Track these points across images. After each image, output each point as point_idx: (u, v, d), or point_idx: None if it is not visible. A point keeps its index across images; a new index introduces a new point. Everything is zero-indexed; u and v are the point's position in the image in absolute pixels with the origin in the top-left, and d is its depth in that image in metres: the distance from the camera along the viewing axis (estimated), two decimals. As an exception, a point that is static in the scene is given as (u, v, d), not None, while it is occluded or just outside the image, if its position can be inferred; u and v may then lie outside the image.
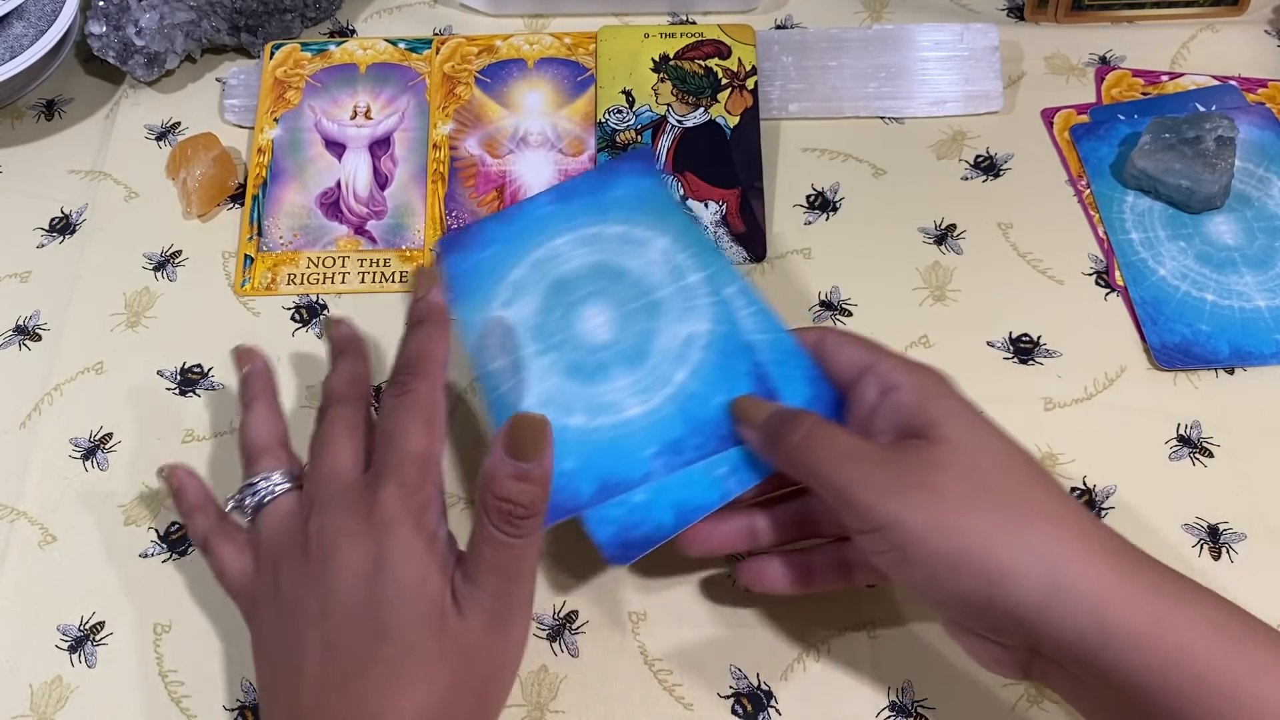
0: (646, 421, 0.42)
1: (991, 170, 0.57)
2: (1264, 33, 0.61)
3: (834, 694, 0.43)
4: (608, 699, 0.43)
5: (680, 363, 0.43)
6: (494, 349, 0.44)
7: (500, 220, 0.47)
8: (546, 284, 0.46)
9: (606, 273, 0.46)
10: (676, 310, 0.45)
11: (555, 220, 0.47)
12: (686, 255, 0.46)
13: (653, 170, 0.49)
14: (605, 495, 0.41)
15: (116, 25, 0.59)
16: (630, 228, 0.47)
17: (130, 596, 0.46)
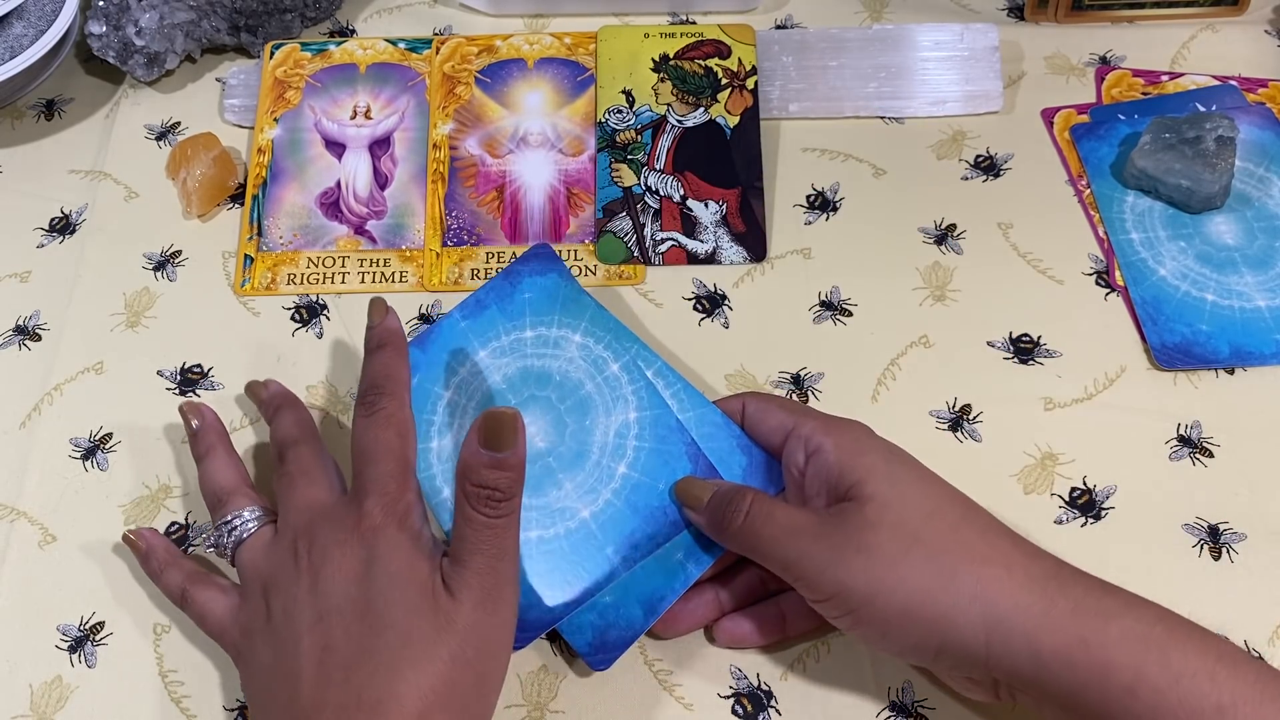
0: (599, 521, 0.42)
1: (992, 170, 0.57)
2: (1264, 33, 0.61)
3: (834, 694, 0.43)
4: (608, 699, 0.43)
5: (618, 455, 0.44)
6: (439, 479, 0.44)
7: (420, 344, 0.46)
8: (477, 401, 0.45)
9: (531, 378, 0.46)
10: (604, 403, 0.45)
11: (470, 336, 0.47)
12: (602, 346, 0.46)
13: (554, 265, 0.48)
14: (577, 603, 0.41)
15: (116, 25, 0.59)
16: (544, 329, 0.47)
17: (130, 596, 0.46)
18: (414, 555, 0.38)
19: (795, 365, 0.51)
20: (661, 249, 0.54)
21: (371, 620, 0.36)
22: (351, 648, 0.36)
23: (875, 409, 0.49)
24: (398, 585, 0.37)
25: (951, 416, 0.49)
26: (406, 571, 0.37)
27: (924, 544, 0.36)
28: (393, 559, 0.37)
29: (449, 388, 0.46)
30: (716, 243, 0.54)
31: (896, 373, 0.50)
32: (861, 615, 0.37)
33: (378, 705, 0.35)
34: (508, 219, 0.55)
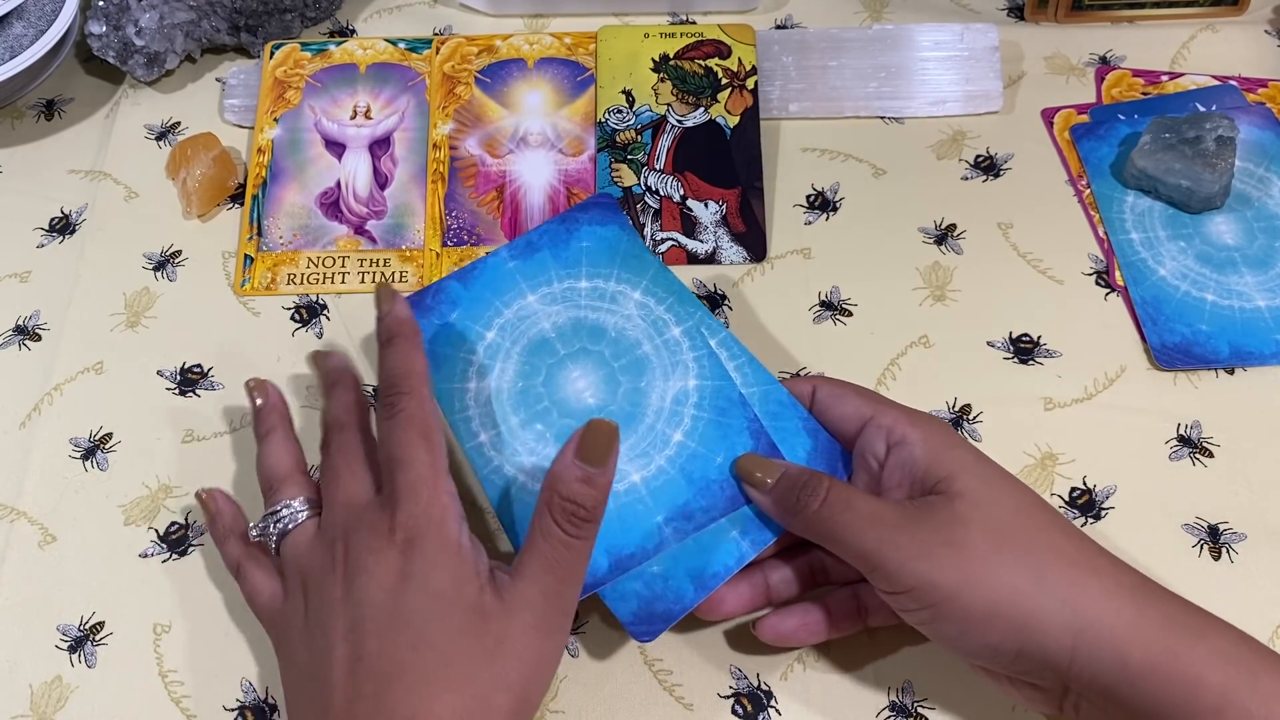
0: (650, 488, 0.41)
1: (991, 170, 0.57)
2: (1264, 33, 0.61)
3: (834, 694, 0.43)
4: (608, 699, 0.43)
5: (674, 422, 0.42)
6: (476, 422, 0.42)
7: (461, 280, 0.45)
8: (522, 347, 0.44)
9: (584, 331, 0.44)
10: (663, 366, 0.43)
11: (519, 277, 0.45)
12: (664, 308, 0.45)
13: (615, 216, 0.47)
14: (620, 569, 0.40)
15: (116, 25, 0.59)
16: (601, 281, 0.45)
17: (130, 596, 0.46)
18: (457, 571, 0.36)
19: (795, 365, 0.51)
20: (661, 249, 0.54)
21: (409, 636, 0.35)
22: (385, 663, 0.35)
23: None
24: (440, 605, 0.35)
25: (951, 416, 0.49)
26: (451, 590, 0.36)
27: (1015, 543, 0.35)
28: (433, 575, 0.36)
29: (492, 328, 0.44)
30: (716, 243, 0.54)
31: (896, 373, 0.50)
32: (943, 610, 0.35)
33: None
34: (508, 219, 0.55)
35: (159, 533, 0.47)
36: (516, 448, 0.42)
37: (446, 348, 0.44)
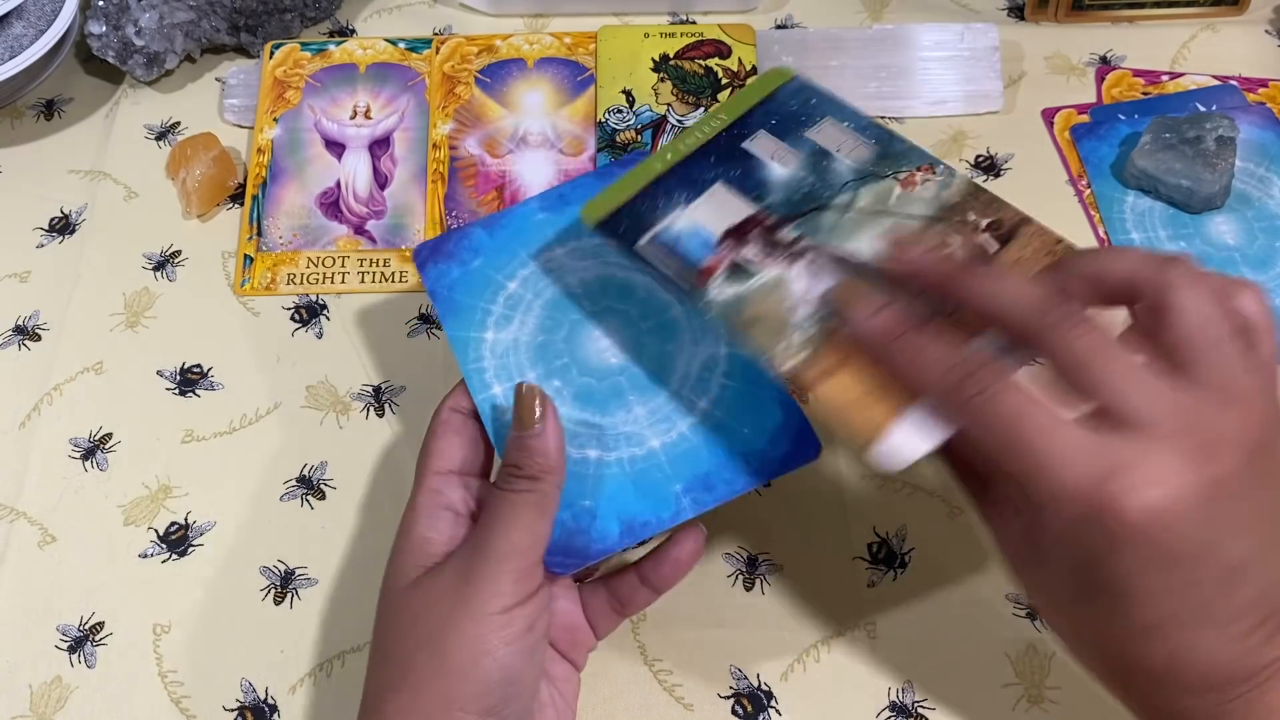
0: (670, 454, 0.39)
1: (992, 170, 0.57)
2: (1264, 33, 0.61)
3: (834, 694, 0.43)
4: (608, 699, 0.43)
5: (702, 390, 0.40)
6: (490, 373, 0.40)
7: (487, 227, 0.43)
8: (545, 300, 0.42)
9: (612, 289, 0.42)
10: (692, 331, 0.41)
11: (547, 229, 0.43)
12: None
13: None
14: (632, 537, 0.38)
15: (116, 25, 0.59)
16: None
17: (130, 596, 0.46)
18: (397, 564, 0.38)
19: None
20: (661, 249, 0.54)
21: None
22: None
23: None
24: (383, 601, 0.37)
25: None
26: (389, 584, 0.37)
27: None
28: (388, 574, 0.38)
29: (515, 279, 0.42)
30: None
31: (897, 373, 0.50)
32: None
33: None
34: (508, 219, 0.55)
35: (159, 533, 0.47)
36: None
37: (465, 295, 0.42)
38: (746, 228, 0.39)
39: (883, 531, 0.46)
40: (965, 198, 0.39)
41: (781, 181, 0.40)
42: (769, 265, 0.38)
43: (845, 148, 0.41)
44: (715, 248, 0.39)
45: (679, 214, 0.40)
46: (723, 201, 0.40)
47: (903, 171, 0.40)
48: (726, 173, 0.41)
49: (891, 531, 0.46)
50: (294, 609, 0.45)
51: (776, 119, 0.42)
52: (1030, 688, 0.42)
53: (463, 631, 0.34)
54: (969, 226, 0.38)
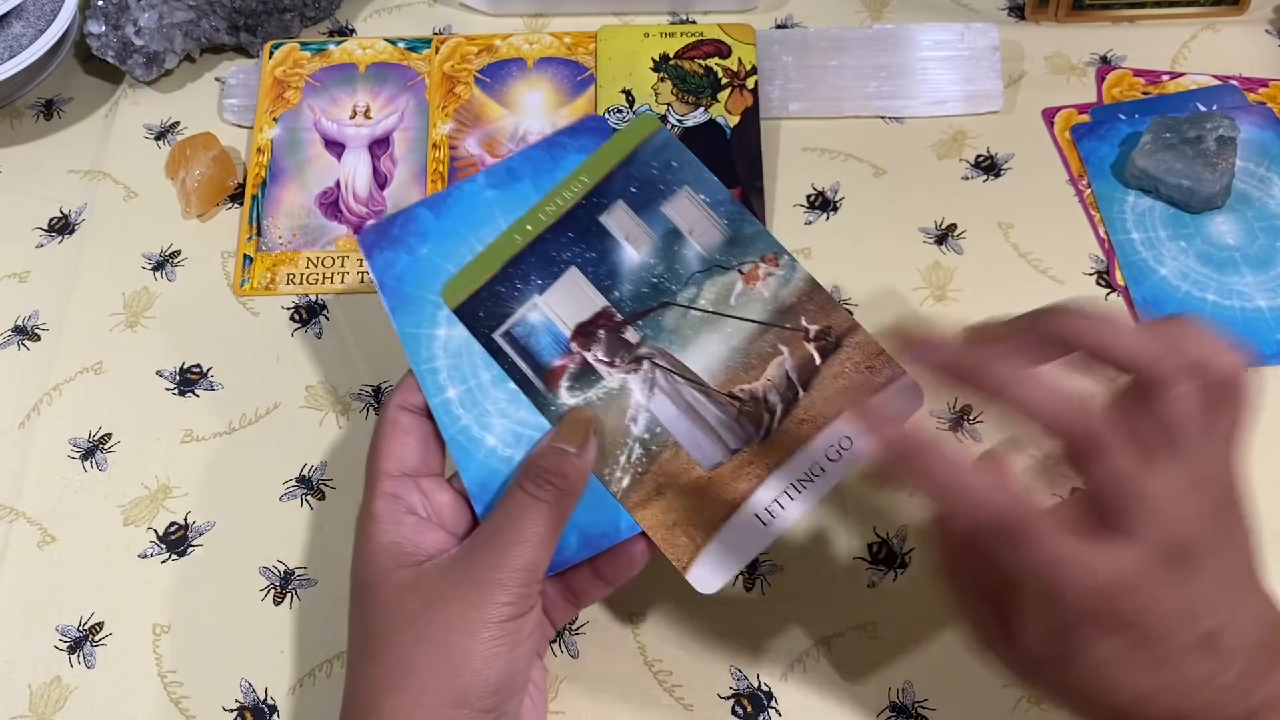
0: None
1: (992, 170, 0.57)
2: (1265, 32, 0.61)
3: (834, 694, 0.42)
4: (608, 699, 0.43)
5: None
6: (444, 374, 0.39)
7: (433, 208, 0.40)
8: None
9: None
10: None
11: (495, 208, 0.40)
12: None
13: (605, 140, 0.42)
14: (590, 548, 0.38)
15: (115, 25, 0.59)
16: None
17: (130, 597, 0.46)
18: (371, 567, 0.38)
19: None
20: (661, 249, 0.54)
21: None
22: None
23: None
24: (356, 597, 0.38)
25: (952, 416, 0.49)
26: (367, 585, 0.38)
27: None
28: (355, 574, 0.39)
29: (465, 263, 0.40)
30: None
31: (897, 373, 0.50)
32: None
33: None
34: (507, 219, 0.55)
35: (158, 533, 0.47)
36: (487, 407, 0.39)
37: (414, 287, 0.40)
38: (595, 324, 0.40)
39: (883, 531, 0.46)
40: (801, 298, 0.41)
41: (632, 269, 0.41)
42: (613, 370, 0.40)
43: (698, 229, 0.41)
44: (565, 346, 0.40)
45: (533, 303, 0.40)
46: (574, 291, 0.41)
47: (746, 263, 0.41)
48: (581, 254, 0.41)
49: (891, 531, 0.46)
50: (294, 609, 0.45)
51: (636, 185, 0.42)
52: (1030, 688, 0.42)
53: (474, 635, 0.34)
54: (799, 335, 0.40)
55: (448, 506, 0.38)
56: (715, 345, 0.40)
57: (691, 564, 0.38)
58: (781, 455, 0.39)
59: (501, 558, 0.35)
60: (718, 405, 0.40)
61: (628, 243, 0.41)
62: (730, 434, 0.39)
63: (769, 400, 0.40)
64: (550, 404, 0.39)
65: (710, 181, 0.42)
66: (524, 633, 0.35)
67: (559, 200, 0.41)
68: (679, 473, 0.39)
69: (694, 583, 0.38)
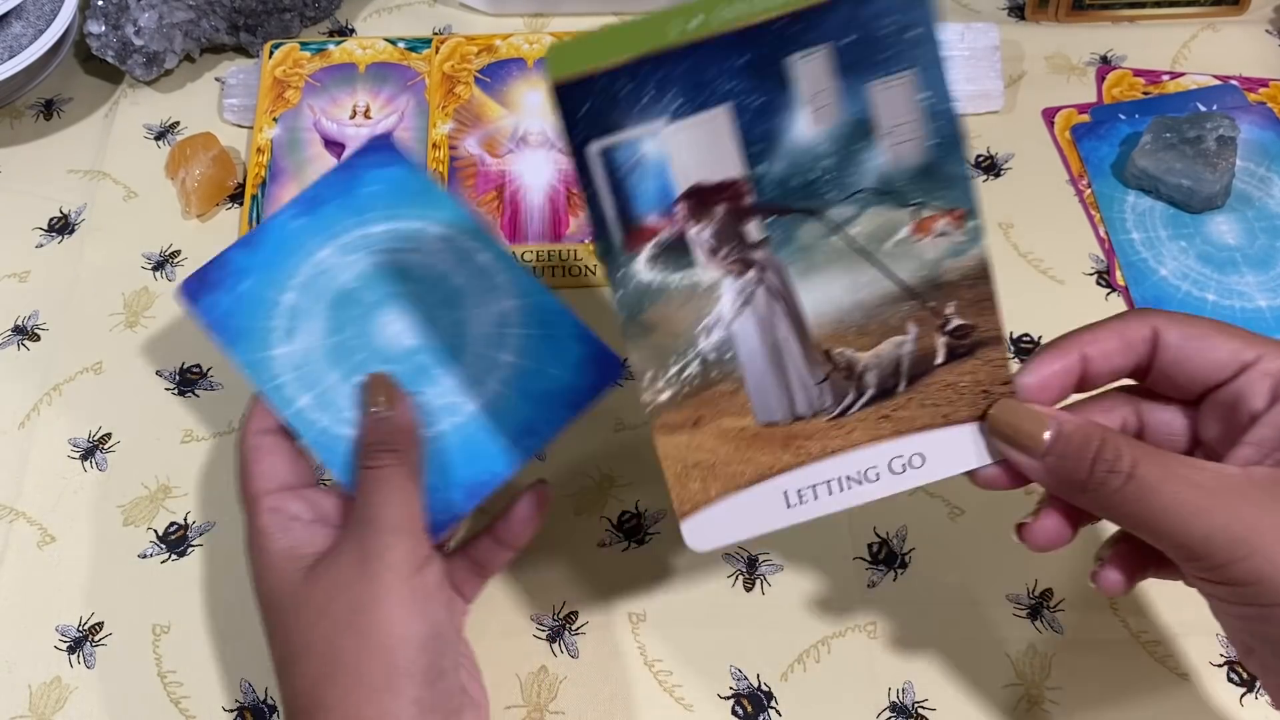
0: (490, 412, 0.40)
1: (992, 170, 0.57)
2: (1265, 32, 0.61)
3: (834, 694, 0.43)
4: (608, 699, 0.43)
5: (501, 343, 0.41)
6: (291, 387, 0.40)
7: (246, 249, 0.42)
8: (326, 304, 0.41)
9: (387, 275, 0.42)
10: (476, 293, 0.42)
11: (306, 235, 0.42)
12: (467, 237, 0.43)
13: (397, 157, 0.44)
14: (474, 498, 0.39)
15: (115, 25, 0.59)
16: (396, 223, 0.43)
17: (129, 597, 0.46)
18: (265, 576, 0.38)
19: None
20: (661, 249, 0.54)
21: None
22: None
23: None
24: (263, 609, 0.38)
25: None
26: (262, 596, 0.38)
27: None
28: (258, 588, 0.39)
29: (289, 290, 0.42)
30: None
31: (897, 373, 0.50)
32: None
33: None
34: (507, 219, 0.55)
35: (158, 533, 0.47)
36: (341, 405, 0.40)
37: (245, 319, 0.41)
38: (718, 194, 0.32)
39: (883, 531, 0.46)
40: (962, 280, 0.34)
41: (797, 145, 0.32)
42: (712, 262, 0.33)
43: (897, 135, 0.32)
44: (669, 204, 0.32)
45: (656, 128, 0.31)
46: (714, 138, 0.31)
47: (928, 208, 0.33)
48: (746, 93, 0.31)
49: (891, 531, 0.46)
50: (293, 609, 0.45)
51: (856, 37, 0.31)
52: (1030, 688, 0.42)
53: (381, 602, 0.35)
54: (936, 321, 0.34)
55: (334, 507, 0.39)
56: (840, 289, 0.33)
57: (693, 514, 0.34)
58: (844, 444, 0.34)
59: (374, 526, 0.36)
60: (807, 359, 0.33)
61: (809, 107, 0.31)
62: (803, 397, 0.34)
63: (864, 379, 0.34)
64: (620, 267, 0.32)
65: (939, 80, 0.32)
66: (429, 587, 0.36)
67: (748, 6, 0.30)
68: (726, 414, 0.34)
69: (686, 534, 0.35)
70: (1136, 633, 0.43)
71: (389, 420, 0.38)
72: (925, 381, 0.34)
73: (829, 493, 0.35)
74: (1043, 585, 0.45)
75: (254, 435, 0.39)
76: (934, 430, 0.34)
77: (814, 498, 0.35)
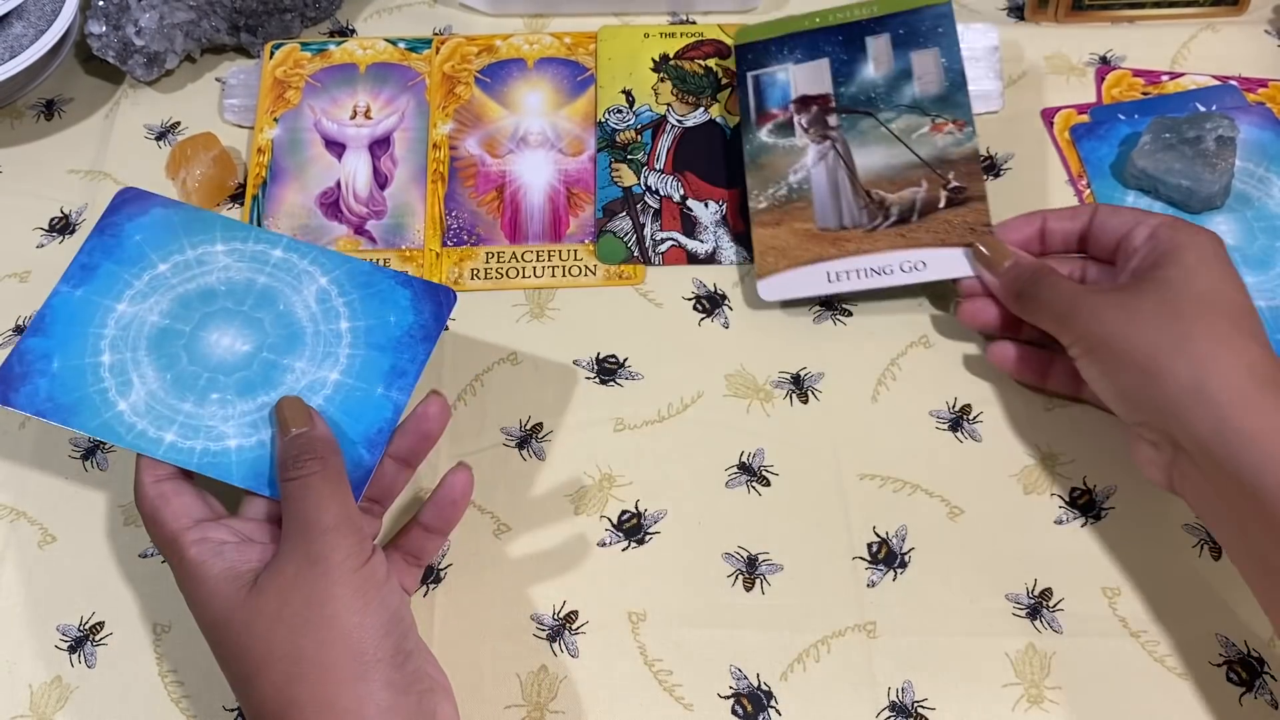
0: (354, 374, 0.43)
1: (992, 170, 0.57)
2: (1264, 32, 0.61)
3: (834, 694, 0.43)
4: (608, 699, 0.43)
5: (334, 317, 0.44)
6: (151, 431, 0.41)
7: (38, 335, 0.43)
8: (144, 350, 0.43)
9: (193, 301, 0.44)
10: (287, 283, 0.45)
11: (97, 298, 0.44)
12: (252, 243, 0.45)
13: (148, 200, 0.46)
14: (377, 448, 0.42)
15: (116, 25, 0.59)
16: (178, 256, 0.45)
17: (130, 596, 0.46)
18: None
19: (795, 365, 0.51)
20: (661, 249, 0.54)
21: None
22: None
23: (875, 409, 0.49)
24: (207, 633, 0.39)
25: (951, 416, 0.49)
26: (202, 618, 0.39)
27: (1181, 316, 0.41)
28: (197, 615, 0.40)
29: (102, 352, 0.43)
30: (716, 243, 0.54)
31: (896, 373, 0.50)
32: (1096, 353, 0.43)
33: None
34: (508, 219, 0.55)
35: (159, 533, 0.47)
36: (211, 423, 0.42)
37: (71, 393, 0.42)
38: (815, 100, 0.55)
39: (883, 531, 0.46)
40: (959, 159, 0.52)
41: (863, 80, 0.55)
42: (805, 135, 0.54)
43: (925, 79, 0.54)
44: (786, 103, 0.55)
45: (786, 67, 0.56)
46: (817, 74, 0.55)
47: (941, 118, 0.53)
48: (838, 53, 0.56)
49: (891, 531, 0.46)
50: (294, 609, 0.45)
51: (906, 29, 0.55)
52: (1030, 688, 0.42)
53: (336, 597, 0.36)
54: (940, 180, 0.52)
55: (256, 528, 0.40)
56: (880, 157, 0.53)
57: (766, 277, 0.51)
58: (872, 248, 0.51)
59: (314, 529, 0.37)
60: (855, 193, 0.52)
61: (873, 62, 0.55)
62: (849, 214, 0.52)
63: (890, 210, 0.51)
64: (753, 133, 0.55)
65: (954, 53, 0.54)
66: (379, 577, 0.37)
67: (845, 15, 0.57)
68: (798, 220, 0.52)
69: (761, 288, 0.51)
70: (1136, 633, 0.43)
71: (306, 434, 0.40)
72: (931, 217, 0.51)
73: (858, 277, 0.50)
74: (1042, 585, 0.45)
75: (151, 485, 0.40)
76: (934, 248, 0.50)
77: (847, 279, 0.50)
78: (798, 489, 0.47)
